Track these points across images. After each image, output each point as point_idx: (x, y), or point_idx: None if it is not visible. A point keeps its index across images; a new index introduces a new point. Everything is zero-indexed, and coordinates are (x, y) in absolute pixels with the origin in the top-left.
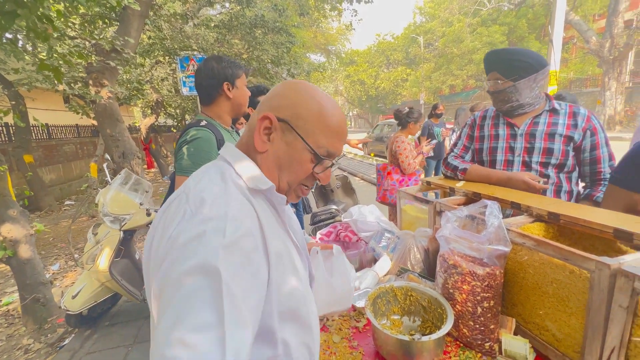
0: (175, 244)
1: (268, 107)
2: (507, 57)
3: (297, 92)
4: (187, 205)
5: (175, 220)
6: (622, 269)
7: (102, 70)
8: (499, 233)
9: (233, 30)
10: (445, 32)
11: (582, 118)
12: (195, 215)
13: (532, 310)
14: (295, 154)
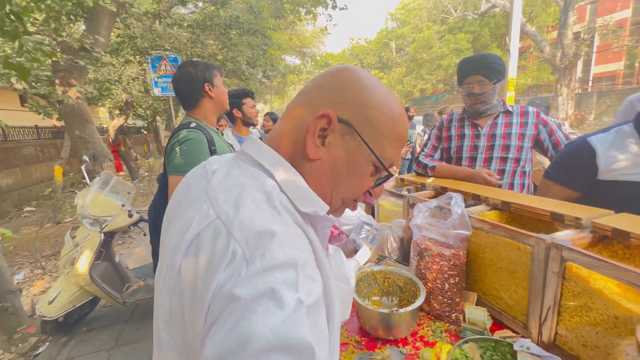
0: (233, 302)
1: (324, 101)
2: (490, 61)
3: (363, 86)
4: (235, 243)
5: (221, 263)
6: (554, 242)
7: (70, 69)
8: (462, 220)
9: (207, 31)
10: (416, 38)
11: (532, 115)
12: (252, 262)
13: (489, 284)
14: (355, 165)
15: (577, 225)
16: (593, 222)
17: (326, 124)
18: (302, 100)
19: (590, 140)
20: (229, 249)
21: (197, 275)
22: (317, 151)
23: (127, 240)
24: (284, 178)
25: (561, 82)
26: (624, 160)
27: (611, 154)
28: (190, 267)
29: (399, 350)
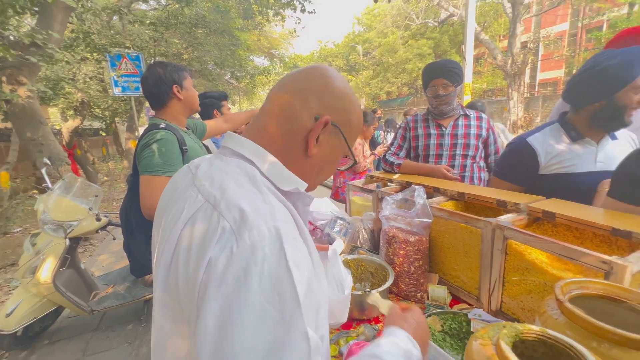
0: (225, 275)
1: (322, 106)
2: (453, 66)
3: (347, 93)
4: (224, 220)
5: (212, 239)
6: (498, 224)
7: (19, 66)
8: (424, 209)
9: (171, 29)
10: (381, 43)
11: (484, 121)
12: (241, 235)
13: (448, 265)
14: (335, 157)
15: (517, 210)
16: (528, 207)
17: (323, 127)
18: (293, 103)
19: (529, 141)
20: (219, 226)
21: (190, 253)
22: (314, 149)
23: (88, 248)
24: (264, 164)
25: (512, 87)
26: (558, 155)
27: (548, 151)
28: (184, 247)
29: (371, 327)
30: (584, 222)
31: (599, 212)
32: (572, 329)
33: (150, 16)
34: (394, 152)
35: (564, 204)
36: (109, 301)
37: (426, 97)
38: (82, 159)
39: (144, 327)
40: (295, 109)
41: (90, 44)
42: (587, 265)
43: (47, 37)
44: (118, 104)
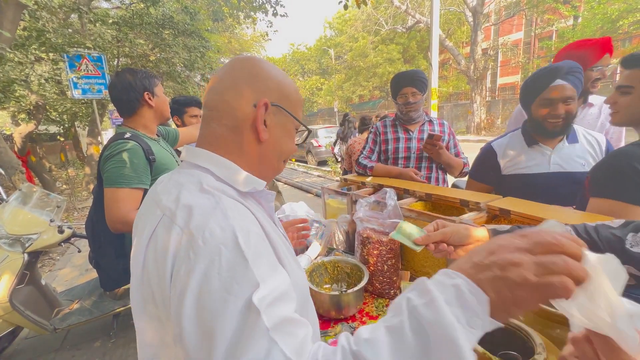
0: (190, 282)
1: (255, 90)
2: (421, 76)
3: (273, 72)
4: (179, 229)
5: (170, 250)
6: (461, 222)
7: None
8: (395, 210)
9: (136, 29)
10: (352, 47)
11: (446, 126)
12: (196, 242)
13: (419, 262)
14: (288, 132)
15: (477, 208)
16: (487, 205)
17: (264, 110)
18: (228, 100)
19: (493, 146)
20: (174, 237)
21: (157, 265)
22: (264, 134)
23: (47, 262)
24: (220, 169)
25: (475, 91)
26: (514, 158)
27: (506, 154)
28: (150, 260)
29: (349, 326)
30: (534, 217)
31: (547, 208)
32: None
33: (113, 15)
34: (367, 156)
35: (518, 202)
36: (74, 317)
37: (395, 104)
38: (38, 166)
39: (114, 343)
40: (232, 106)
41: (46, 43)
42: None
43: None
44: (78, 107)
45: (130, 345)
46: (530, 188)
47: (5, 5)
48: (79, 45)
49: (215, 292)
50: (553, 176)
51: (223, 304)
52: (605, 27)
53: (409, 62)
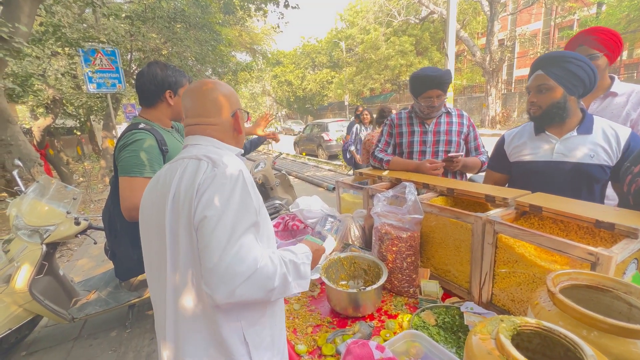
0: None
1: (231, 105)
2: (448, 78)
3: (230, 90)
4: (204, 162)
5: (199, 172)
6: (488, 219)
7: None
8: (415, 206)
9: (148, 23)
10: (364, 39)
11: (465, 118)
12: (219, 168)
13: (439, 260)
14: (243, 121)
15: (505, 204)
16: (516, 201)
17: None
18: (209, 117)
19: (505, 134)
20: (202, 165)
21: (187, 184)
22: (240, 130)
23: (66, 253)
24: (218, 143)
25: (490, 83)
26: (520, 146)
27: (513, 141)
28: (183, 185)
29: (367, 324)
30: (570, 215)
31: (583, 205)
32: (563, 319)
33: (126, 9)
34: (382, 149)
35: (550, 198)
36: (91, 308)
37: (417, 103)
38: (56, 159)
39: (129, 333)
40: (223, 119)
41: (62, 37)
42: (574, 257)
43: (13, 31)
44: (93, 101)
45: (145, 336)
46: (532, 176)
47: (22, 0)
48: (93, 39)
49: (236, 193)
50: (555, 165)
51: (239, 204)
52: (633, 14)
53: (421, 54)
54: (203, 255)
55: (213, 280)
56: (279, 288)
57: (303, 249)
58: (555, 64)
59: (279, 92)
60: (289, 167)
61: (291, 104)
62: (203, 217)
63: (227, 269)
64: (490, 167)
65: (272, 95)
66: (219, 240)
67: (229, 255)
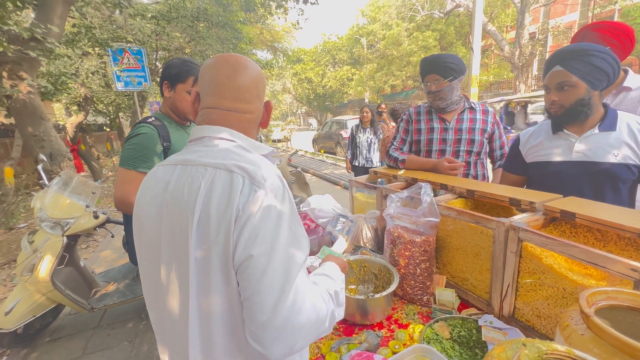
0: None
1: (258, 95)
2: (445, 60)
3: (261, 76)
4: (240, 177)
5: (235, 191)
6: (512, 225)
7: (19, 61)
8: (431, 208)
9: (173, 22)
10: (386, 35)
11: (490, 114)
12: (258, 186)
13: (457, 267)
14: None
15: (532, 209)
16: (544, 206)
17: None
18: (237, 101)
19: (521, 133)
20: (239, 182)
21: (219, 207)
22: (266, 124)
23: (91, 244)
24: (242, 141)
25: (519, 79)
26: (536, 145)
27: (528, 141)
28: (213, 207)
29: (375, 334)
30: (609, 223)
31: (625, 212)
32: (599, 347)
33: (152, 10)
34: (397, 147)
35: (584, 203)
36: (109, 299)
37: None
38: (87, 154)
39: (145, 325)
40: (256, 107)
41: (92, 38)
42: (613, 273)
43: (46, 32)
44: (121, 99)
45: None
46: (550, 177)
47: (55, 2)
48: (121, 39)
49: (285, 218)
50: (574, 165)
51: (290, 226)
52: None
53: (446, 49)
54: (250, 304)
55: (266, 337)
56: (328, 328)
57: (337, 271)
58: (576, 58)
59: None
60: (306, 164)
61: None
62: (248, 256)
63: (285, 323)
64: (505, 169)
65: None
66: (270, 286)
67: (285, 305)
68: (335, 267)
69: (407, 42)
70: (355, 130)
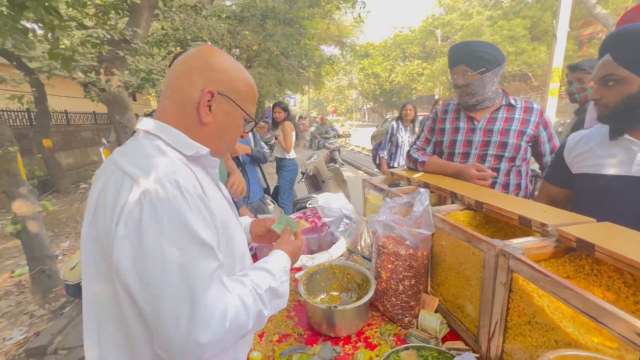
0: (136, 215)
1: (205, 80)
2: (475, 49)
3: (231, 67)
4: (131, 179)
5: (121, 189)
6: (502, 249)
7: (112, 59)
8: (425, 217)
9: (244, 22)
10: (464, 25)
11: (535, 113)
12: (148, 187)
13: (449, 290)
14: (234, 121)
15: (544, 232)
16: (559, 230)
17: (210, 97)
18: (180, 82)
19: (569, 137)
20: (127, 183)
21: (106, 206)
22: (207, 117)
23: None
24: (168, 136)
25: None
26: (585, 153)
27: (575, 147)
28: (101, 203)
29: (332, 348)
30: (636, 264)
31: None
32: None
33: (227, 10)
34: (420, 147)
35: (616, 233)
36: None
37: None
38: None
39: None
40: (183, 88)
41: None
42: (612, 333)
43: (132, 34)
44: None
45: None
46: (599, 194)
47: (142, 7)
48: (198, 39)
49: (163, 227)
50: (634, 181)
51: (168, 236)
52: None
53: (538, 39)
54: (149, 321)
55: (170, 350)
56: (253, 327)
57: (280, 262)
58: (627, 45)
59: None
60: (360, 161)
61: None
62: (133, 279)
63: (188, 338)
64: (547, 179)
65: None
66: (166, 310)
67: (185, 327)
68: (281, 257)
69: (489, 32)
70: (396, 127)
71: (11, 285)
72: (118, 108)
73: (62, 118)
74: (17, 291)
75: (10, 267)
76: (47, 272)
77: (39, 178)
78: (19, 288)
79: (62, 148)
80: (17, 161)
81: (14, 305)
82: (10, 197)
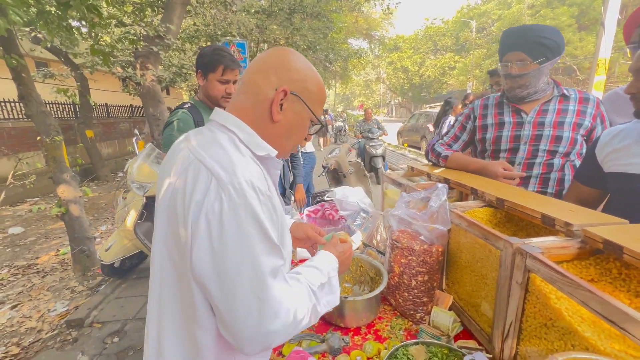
0: (219, 216)
1: (280, 79)
2: (537, 34)
3: (304, 67)
4: (211, 174)
5: (202, 188)
6: (519, 247)
7: (147, 55)
8: (442, 213)
9: (272, 16)
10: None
11: (591, 104)
12: (227, 187)
13: (465, 288)
14: (302, 121)
15: (568, 232)
16: (584, 230)
17: (283, 96)
18: (257, 78)
19: (605, 131)
20: (207, 178)
21: (184, 195)
22: (278, 115)
23: None
24: (242, 134)
25: None
26: (620, 150)
27: (609, 143)
28: (179, 191)
29: (341, 338)
30: None
31: None
32: None
33: (255, 5)
34: (446, 142)
35: None
36: None
37: (500, 74)
38: None
39: None
40: (259, 85)
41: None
42: (632, 339)
43: (165, 30)
44: None
45: None
46: (634, 195)
47: (174, 4)
48: (227, 34)
49: (243, 223)
50: None
51: (246, 235)
52: None
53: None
54: (219, 314)
55: (239, 340)
56: (309, 322)
57: (327, 261)
58: None
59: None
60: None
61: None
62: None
63: (257, 332)
64: (577, 178)
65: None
66: (240, 301)
67: (257, 318)
68: (327, 257)
69: (531, 23)
70: (453, 122)
71: (56, 262)
72: (152, 101)
73: (103, 110)
74: (61, 268)
75: (55, 246)
76: (86, 252)
77: (81, 166)
78: (62, 265)
79: (102, 139)
80: (62, 149)
81: (58, 281)
82: (55, 182)
